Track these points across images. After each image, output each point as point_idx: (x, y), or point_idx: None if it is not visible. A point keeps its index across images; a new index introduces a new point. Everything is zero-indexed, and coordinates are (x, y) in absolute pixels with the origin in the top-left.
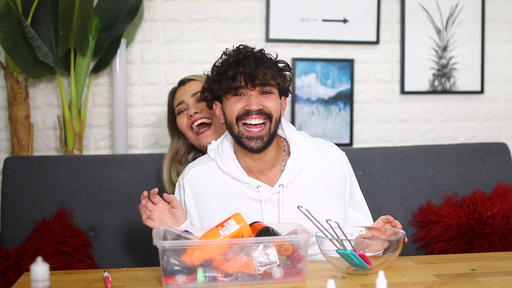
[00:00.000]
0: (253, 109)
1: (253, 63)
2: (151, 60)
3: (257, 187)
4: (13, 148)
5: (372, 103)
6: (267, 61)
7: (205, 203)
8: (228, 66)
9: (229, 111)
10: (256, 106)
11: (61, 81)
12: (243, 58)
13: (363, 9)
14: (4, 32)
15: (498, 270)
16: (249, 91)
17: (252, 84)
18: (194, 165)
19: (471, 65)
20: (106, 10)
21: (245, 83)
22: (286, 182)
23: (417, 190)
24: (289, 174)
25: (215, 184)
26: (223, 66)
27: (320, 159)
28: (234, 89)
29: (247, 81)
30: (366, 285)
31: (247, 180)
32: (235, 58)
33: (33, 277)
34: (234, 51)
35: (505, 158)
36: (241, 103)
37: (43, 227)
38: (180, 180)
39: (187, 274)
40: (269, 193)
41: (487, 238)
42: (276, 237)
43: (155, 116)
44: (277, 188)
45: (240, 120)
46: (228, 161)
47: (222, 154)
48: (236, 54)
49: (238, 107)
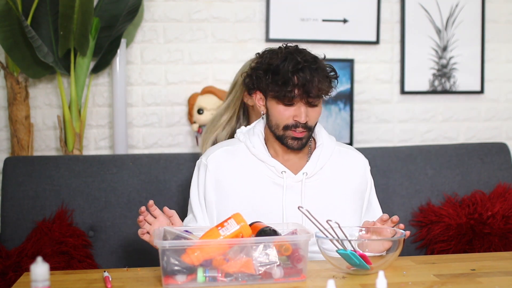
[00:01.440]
0: (302, 122)
1: (309, 76)
2: (151, 60)
3: (282, 172)
4: (13, 148)
5: (372, 103)
6: (321, 71)
7: (226, 184)
8: (285, 75)
9: (277, 116)
10: (304, 119)
11: (61, 81)
12: (301, 69)
13: (363, 9)
14: (4, 32)
15: (498, 270)
16: (299, 102)
17: (306, 99)
18: (220, 145)
19: (471, 65)
20: (106, 10)
21: (299, 96)
22: (310, 172)
23: (417, 190)
24: (314, 164)
25: (239, 166)
26: (279, 71)
27: (344, 161)
28: (287, 98)
29: (302, 94)
30: (366, 285)
31: (273, 163)
32: (293, 67)
33: (33, 277)
34: (291, 57)
35: (505, 158)
36: (290, 111)
37: (43, 227)
38: (203, 158)
39: (187, 274)
40: (292, 180)
41: (487, 238)
42: (276, 237)
43: (155, 116)
44: (300, 176)
45: (287, 129)
46: (258, 143)
47: (252, 136)
48: (294, 63)
49: (287, 115)
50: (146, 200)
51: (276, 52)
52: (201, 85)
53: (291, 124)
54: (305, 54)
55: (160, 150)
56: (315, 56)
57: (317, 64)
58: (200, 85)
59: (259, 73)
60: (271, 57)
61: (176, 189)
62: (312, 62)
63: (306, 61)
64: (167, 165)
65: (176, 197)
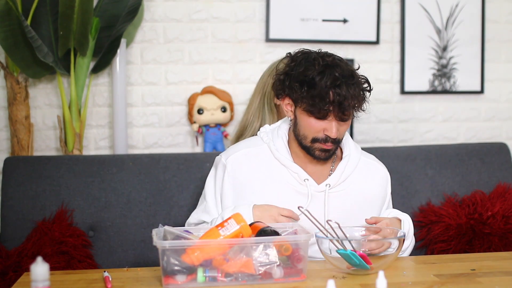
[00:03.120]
0: (333, 137)
1: (345, 92)
2: (151, 60)
3: (304, 180)
4: (13, 148)
5: (372, 103)
6: (357, 87)
7: (245, 188)
8: (322, 90)
9: (306, 127)
10: (335, 134)
11: (61, 81)
12: (338, 86)
13: (363, 9)
14: (4, 32)
15: (498, 270)
16: (332, 116)
17: (341, 116)
18: (242, 146)
19: (471, 65)
20: (106, 10)
21: (333, 112)
22: (333, 183)
23: (417, 190)
24: (338, 176)
25: (260, 170)
26: (315, 86)
27: (368, 173)
28: (322, 114)
29: (336, 111)
30: (366, 285)
31: (296, 170)
32: (331, 84)
33: (33, 277)
34: (329, 72)
35: (505, 158)
36: (321, 125)
37: (43, 227)
38: (223, 157)
39: (187, 274)
40: (314, 190)
41: (487, 238)
42: (276, 237)
43: (155, 116)
44: (323, 187)
45: (316, 141)
46: (281, 147)
47: (277, 139)
48: (333, 79)
49: (318, 129)
50: (146, 200)
51: (312, 63)
52: (201, 85)
53: (320, 138)
54: (343, 69)
55: (160, 150)
56: (352, 70)
57: (354, 79)
58: (200, 85)
59: (294, 85)
60: (307, 67)
61: (176, 189)
62: (349, 78)
63: (344, 76)
64: (167, 165)
65: (176, 197)
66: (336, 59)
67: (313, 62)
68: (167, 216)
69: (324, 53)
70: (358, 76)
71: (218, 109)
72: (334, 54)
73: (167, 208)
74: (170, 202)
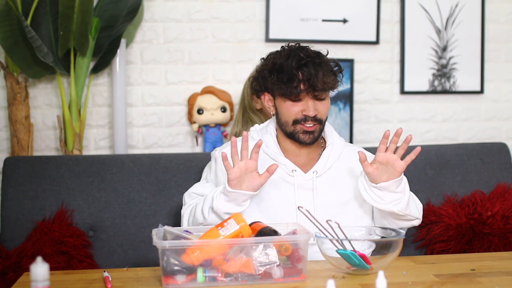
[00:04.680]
0: (311, 115)
1: (313, 70)
2: (151, 60)
3: (292, 170)
4: (13, 148)
5: (372, 103)
6: (325, 66)
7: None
8: (289, 71)
9: (285, 113)
10: (313, 112)
11: (61, 81)
12: (304, 65)
13: (363, 9)
14: (4, 32)
15: (498, 270)
16: (306, 96)
17: (312, 93)
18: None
19: (471, 65)
20: (106, 10)
21: (305, 91)
22: (320, 170)
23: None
24: (324, 163)
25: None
26: (283, 69)
27: (353, 159)
28: (294, 94)
29: (307, 89)
30: (366, 285)
31: (284, 162)
32: (296, 63)
33: (33, 277)
34: (294, 54)
35: (505, 158)
36: (298, 107)
37: (43, 227)
38: (217, 150)
39: (187, 274)
40: (302, 179)
41: (487, 238)
42: (276, 237)
43: (155, 116)
44: (310, 175)
45: (297, 123)
46: (271, 142)
47: (265, 135)
48: (298, 59)
49: (296, 111)
50: (146, 200)
51: (279, 52)
52: (201, 85)
53: (300, 118)
54: (308, 50)
55: (160, 150)
56: (318, 52)
57: (320, 58)
58: (200, 85)
59: (264, 73)
60: (275, 57)
61: (176, 189)
62: (315, 57)
63: (309, 56)
64: (167, 165)
65: (176, 197)
66: (301, 45)
67: (279, 51)
68: (167, 216)
69: (290, 44)
70: (325, 57)
71: (218, 109)
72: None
73: (167, 208)
74: (170, 202)
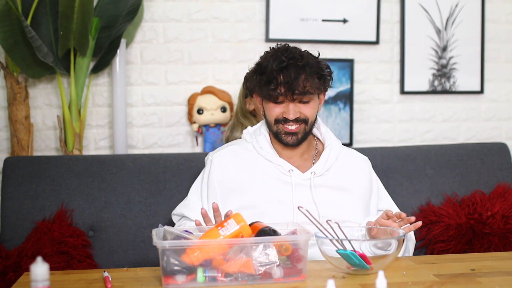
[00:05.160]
0: (290, 118)
1: (294, 73)
2: (151, 60)
3: (289, 170)
4: (13, 148)
5: (372, 103)
6: (309, 68)
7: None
8: (270, 74)
9: (268, 113)
10: (293, 115)
11: (61, 81)
12: (285, 67)
13: (363, 9)
14: (4, 32)
15: (498, 270)
16: (286, 99)
17: (291, 96)
18: (228, 145)
19: (471, 65)
20: (106, 10)
21: (284, 94)
22: (318, 171)
23: (417, 190)
24: (323, 164)
25: (245, 165)
26: (265, 71)
27: (348, 160)
28: (273, 97)
29: (286, 92)
30: (366, 285)
31: (280, 162)
32: (277, 66)
33: (33, 277)
34: (276, 56)
35: (505, 158)
36: (279, 109)
37: (43, 227)
38: (209, 154)
39: (187, 274)
40: (300, 178)
41: (487, 238)
42: (276, 237)
43: (155, 116)
44: (308, 175)
45: (278, 123)
46: (264, 143)
47: (259, 136)
48: (278, 62)
49: (277, 112)
50: (146, 200)
51: (265, 54)
52: (201, 85)
53: (280, 118)
54: (292, 52)
55: (160, 150)
56: (302, 54)
57: (303, 61)
58: (200, 85)
59: (252, 76)
60: (261, 58)
61: (176, 189)
62: (298, 60)
63: (292, 58)
64: (167, 165)
65: (176, 197)
66: (288, 46)
67: (266, 52)
68: (167, 216)
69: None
70: (311, 59)
71: (218, 109)
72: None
73: (167, 208)
74: (170, 202)
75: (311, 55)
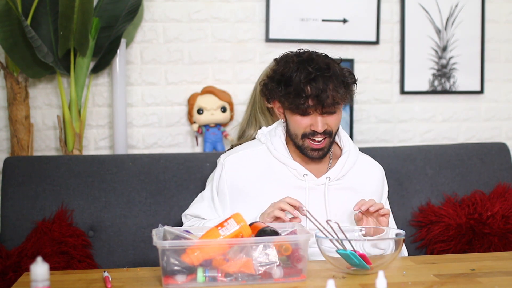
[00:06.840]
0: (319, 131)
1: (322, 85)
2: (151, 60)
3: (304, 175)
4: (13, 148)
5: (372, 103)
6: (335, 79)
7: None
8: (297, 86)
9: (294, 125)
10: (322, 128)
11: (61, 81)
12: (313, 79)
13: (363, 9)
14: (4, 32)
15: (498, 270)
16: (315, 111)
17: (321, 109)
18: (241, 148)
19: (471, 65)
20: (106, 10)
21: (314, 106)
22: (333, 177)
23: (417, 190)
24: (339, 170)
25: (259, 169)
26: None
27: (365, 167)
28: (302, 110)
29: (316, 104)
30: (366, 285)
31: (294, 166)
32: (305, 78)
33: (33, 277)
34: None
35: (505, 158)
36: (306, 120)
37: (43, 227)
38: (222, 157)
39: (187, 274)
40: (314, 183)
41: (487, 238)
42: (276, 237)
43: (155, 116)
44: (323, 180)
45: (305, 137)
46: (279, 145)
47: (274, 138)
48: (306, 74)
49: (304, 125)
50: (146, 200)
51: (288, 62)
52: (201, 85)
53: (308, 132)
54: (318, 62)
55: (160, 150)
56: (328, 63)
57: (330, 71)
58: (200, 85)
59: (275, 86)
60: (285, 67)
61: (176, 189)
62: (325, 70)
63: (319, 69)
64: (167, 165)
65: (176, 197)
66: (312, 54)
67: (289, 61)
68: (167, 216)
69: (302, 51)
70: (336, 67)
71: (218, 109)
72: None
73: (167, 208)
74: (170, 202)
75: (335, 62)
